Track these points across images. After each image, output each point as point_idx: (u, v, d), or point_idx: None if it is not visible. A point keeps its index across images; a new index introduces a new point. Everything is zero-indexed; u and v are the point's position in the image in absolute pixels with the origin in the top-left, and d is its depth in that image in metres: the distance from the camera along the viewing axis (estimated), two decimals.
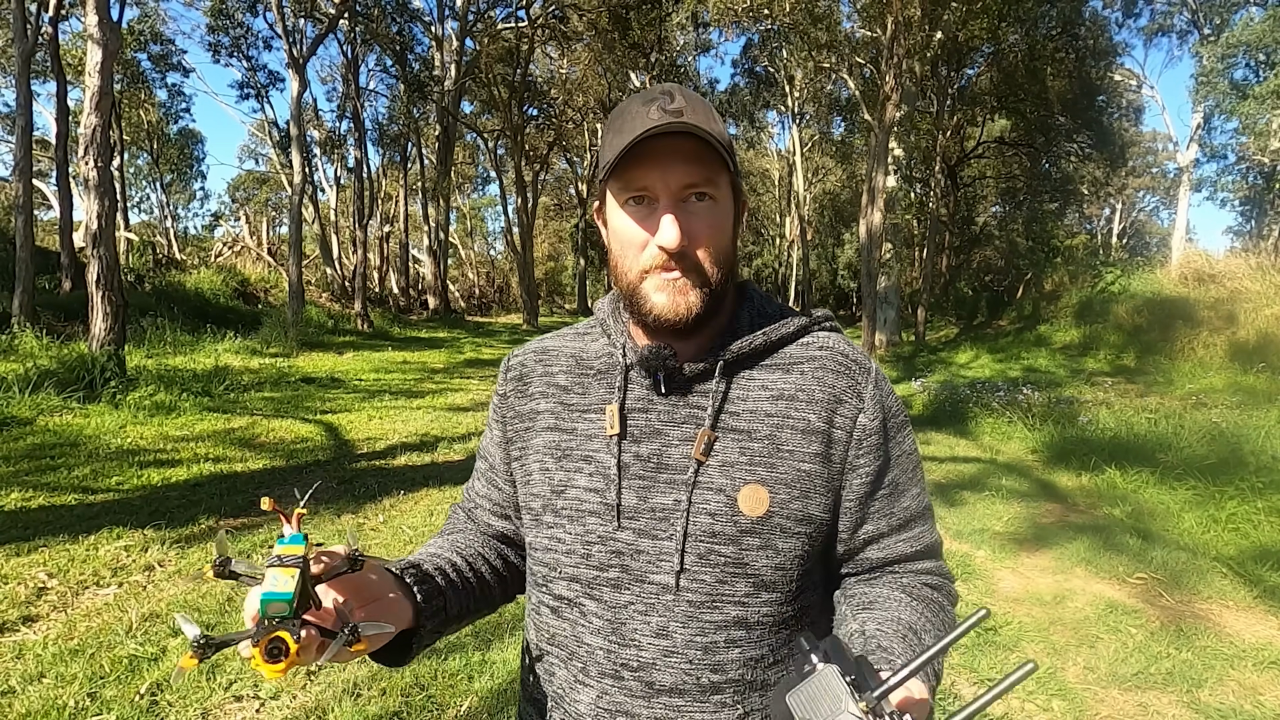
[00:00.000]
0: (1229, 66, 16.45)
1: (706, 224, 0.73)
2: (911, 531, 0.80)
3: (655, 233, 0.72)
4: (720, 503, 0.74)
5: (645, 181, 0.72)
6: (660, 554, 0.75)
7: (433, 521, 4.20)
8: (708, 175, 0.72)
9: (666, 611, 0.74)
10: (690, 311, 0.74)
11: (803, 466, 0.75)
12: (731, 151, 0.75)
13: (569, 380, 0.85)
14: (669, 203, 0.72)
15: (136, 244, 17.72)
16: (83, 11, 7.76)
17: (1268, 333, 9.30)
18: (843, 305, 37.17)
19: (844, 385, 0.78)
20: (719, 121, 0.75)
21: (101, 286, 7.57)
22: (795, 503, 0.75)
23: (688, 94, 0.74)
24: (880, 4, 13.95)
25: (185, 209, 39.81)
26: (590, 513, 0.78)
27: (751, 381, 0.78)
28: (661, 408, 0.78)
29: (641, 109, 0.72)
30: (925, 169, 19.80)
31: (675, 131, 0.69)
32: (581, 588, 0.78)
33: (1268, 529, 4.08)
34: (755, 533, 0.74)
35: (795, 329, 0.81)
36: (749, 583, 0.74)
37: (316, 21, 18.65)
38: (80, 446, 5.37)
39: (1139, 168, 34.60)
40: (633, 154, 0.70)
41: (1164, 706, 2.51)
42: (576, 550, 0.78)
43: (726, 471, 0.75)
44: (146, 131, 27.86)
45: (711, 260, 0.74)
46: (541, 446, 0.83)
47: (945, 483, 5.30)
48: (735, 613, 0.74)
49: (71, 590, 3.11)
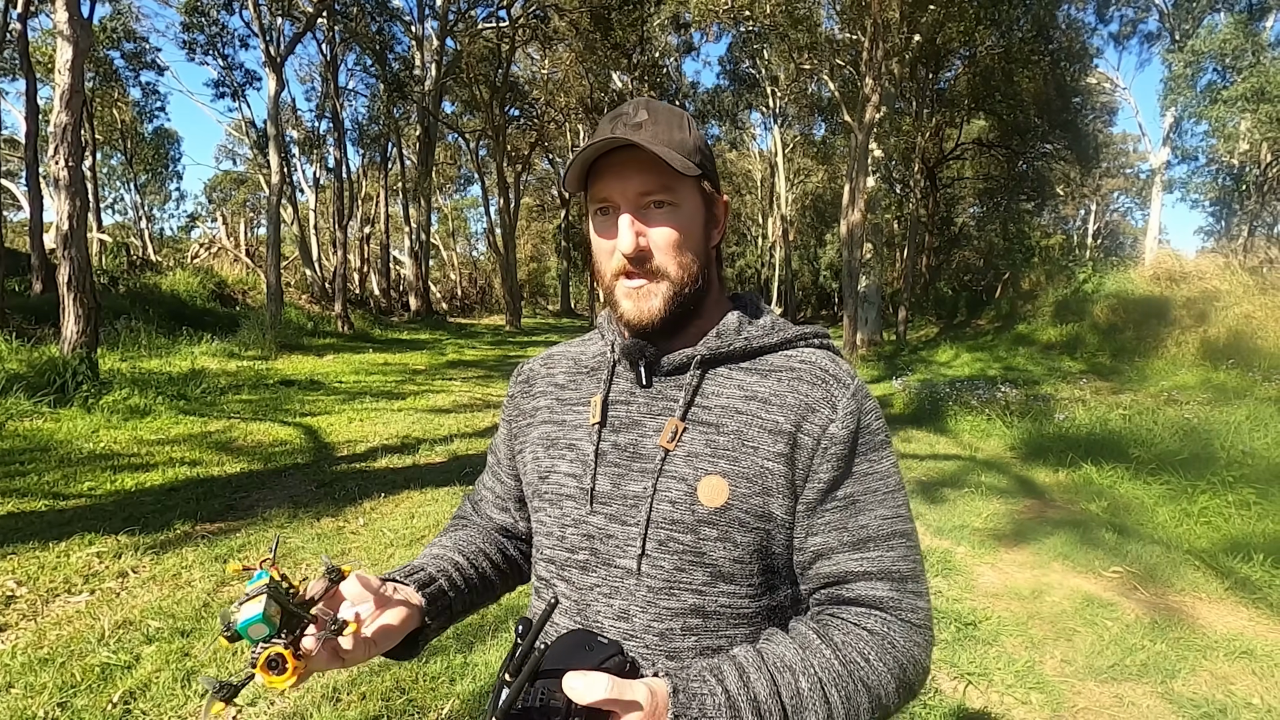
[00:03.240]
0: (1196, 72, 16.78)
1: (667, 230, 0.77)
2: (867, 552, 0.76)
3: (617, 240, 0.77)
4: (681, 491, 0.76)
5: (605, 192, 0.77)
6: (627, 539, 0.77)
7: (414, 524, 4.16)
8: (664, 183, 0.75)
9: (628, 595, 0.77)
10: (654, 316, 0.77)
11: (765, 464, 0.76)
12: (705, 157, 0.79)
13: (566, 379, 0.91)
14: (628, 211, 0.76)
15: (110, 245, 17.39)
16: (53, 8, 7.60)
17: (1237, 331, 9.50)
18: (825, 305, 37.42)
19: (818, 395, 0.78)
20: (687, 129, 0.79)
21: (73, 288, 7.42)
22: (755, 498, 0.75)
23: (655, 107, 0.79)
24: (860, 6, 14.08)
25: (161, 210, 39.15)
26: (568, 497, 0.82)
27: (729, 380, 0.80)
28: (641, 400, 0.82)
29: (606, 125, 0.78)
30: (905, 170, 20.00)
31: (628, 145, 0.74)
32: (556, 569, 0.83)
33: (1238, 522, 4.16)
34: (712, 523, 0.75)
35: (779, 340, 0.82)
36: (706, 572, 0.75)
37: (294, 20, 18.41)
38: (51, 451, 5.25)
39: (1113, 169, 35.23)
40: (595, 168, 0.77)
41: (1139, 697, 2.56)
42: (554, 532, 0.83)
43: (690, 461, 0.76)
44: (120, 131, 27.36)
45: (675, 264, 0.77)
46: (537, 438, 0.88)
47: (926, 480, 5.36)
48: (692, 601, 0.76)
49: (41, 598, 3.04)
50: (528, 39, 24.69)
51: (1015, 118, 18.78)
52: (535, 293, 48.99)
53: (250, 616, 0.62)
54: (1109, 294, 12.62)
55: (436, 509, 4.45)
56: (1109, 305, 12.26)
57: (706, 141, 0.82)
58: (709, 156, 0.81)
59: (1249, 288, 10.43)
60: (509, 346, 17.55)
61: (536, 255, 49.50)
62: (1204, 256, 14.52)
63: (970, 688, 2.60)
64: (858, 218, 14.05)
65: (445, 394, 9.10)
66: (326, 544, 3.81)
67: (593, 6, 20.98)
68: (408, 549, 3.77)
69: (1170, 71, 17.55)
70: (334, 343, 14.62)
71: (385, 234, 28.43)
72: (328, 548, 3.76)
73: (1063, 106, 18.50)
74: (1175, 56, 17.18)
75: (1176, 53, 17.32)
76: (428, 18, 22.85)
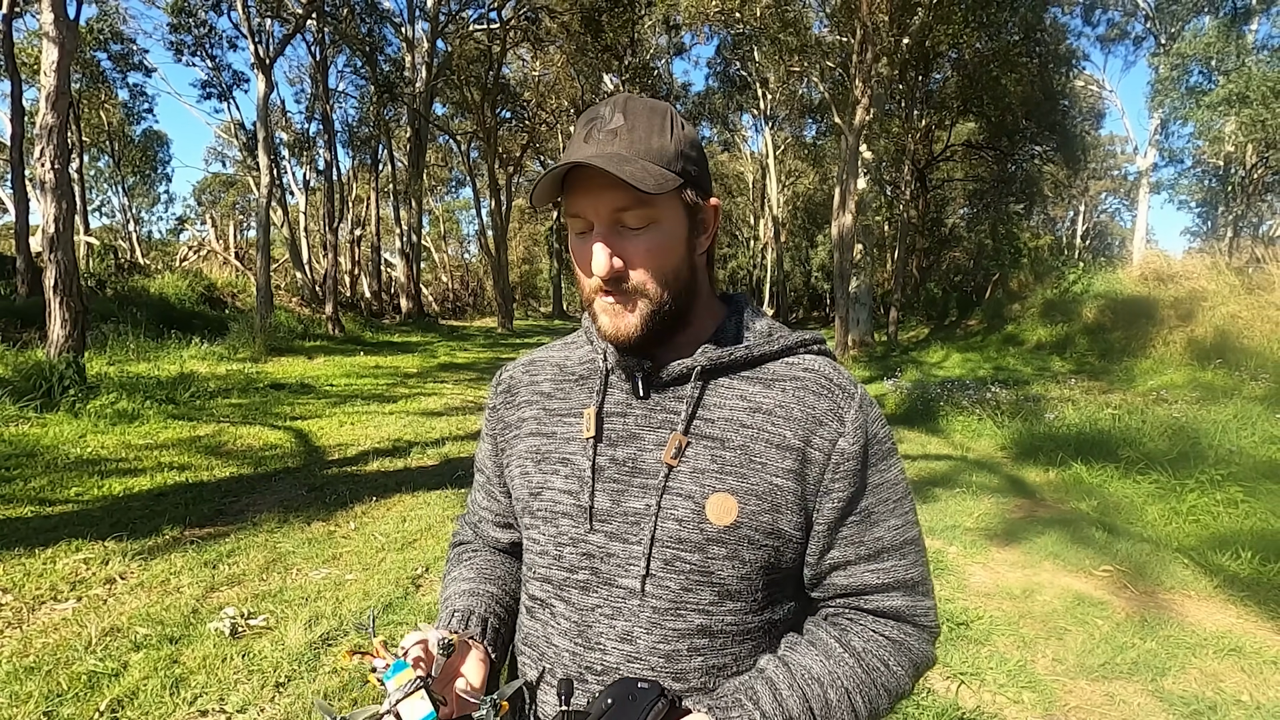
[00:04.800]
0: (1182, 75, 16.95)
1: (644, 246, 0.72)
2: (883, 563, 0.77)
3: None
4: (688, 509, 0.73)
5: (578, 209, 0.72)
6: (629, 558, 0.75)
7: (405, 528, 4.14)
8: (639, 198, 0.70)
9: (632, 616, 0.74)
10: (630, 332, 0.74)
11: (775, 480, 0.74)
12: (691, 160, 0.74)
13: (552, 387, 0.86)
14: (601, 230, 0.72)
15: (97, 248, 17.22)
16: (38, 9, 7.53)
17: (1224, 330, 9.59)
18: (816, 306, 37.57)
19: (825, 407, 0.76)
20: (668, 132, 0.72)
21: (59, 292, 7.34)
22: (764, 515, 0.73)
23: (633, 108, 0.73)
24: (849, 9, 14.14)
25: (149, 212, 38.78)
26: (564, 514, 0.78)
27: (731, 390, 0.77)
28: (639, 412, 0.78)
29: (581, 130, 0.73)
30: (895, 172, 20.10)
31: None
32: (553, 589, 0.79)
33: (1226, 519, 4.20)
34: (722, 542, 0.73)
35: (780, 347, 0.79)
36: (714, 591, 0.74)
37: (284, 21, 18.31)
38: (37, 457, 5.19)
39: (1100, 170, 35.52)
40: (568, 178, 0.72)
41: (1130, 695, 2.57)
42: (550, 551, 0.79)
43: (697, 478, 0.74)
44: (108, 133, 27.12)
45: (654, 280, 0.73)
46: (524, 451, 0.84)
47: (918, 480, 5.37)
48: (699, 621, 0.74)
49: (27, 605, 3.01)
50: (519, 41, 24.65)
51: (1003, 120, 18.91)
52: (527, 295, 48.88)
53: (424, 716, 0.62)
54: (1098, 294, 12.73)
55: (428, 512, 4.43)
56: (1098, 305, 12.36)
57: (696, 139, 0.76)
58: (695, 158, 0.74)
59: (1235, 288, 10.54)
60: (501, 348, 17.51)
61: (528, 257, 49.40)
62: (1191, 257, 14.67)
63: (963, 687, 2.60)
64: (848, 219, 14.11)
65: (437, 397, 9.06)
66: (318, 549, 3.79)
67: (583, 8, 20.96)
68: (399, 553, 3.75)
69: (1156, 74, 17.73)
70: (325, 345, 14.54)
71: (376, 236, 28.32)
72: (319, 552, 3.74)
73: (1050, 109, 18.64)
74: (1161, 60, 17.36)
75: (1163, 56, 17.51)
76: (418, 19, 22.81)
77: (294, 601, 3.13)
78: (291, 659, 2.61)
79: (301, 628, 2.85)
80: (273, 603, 3.11)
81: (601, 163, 0.67)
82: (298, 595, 3.20)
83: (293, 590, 3.25)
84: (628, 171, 0.67)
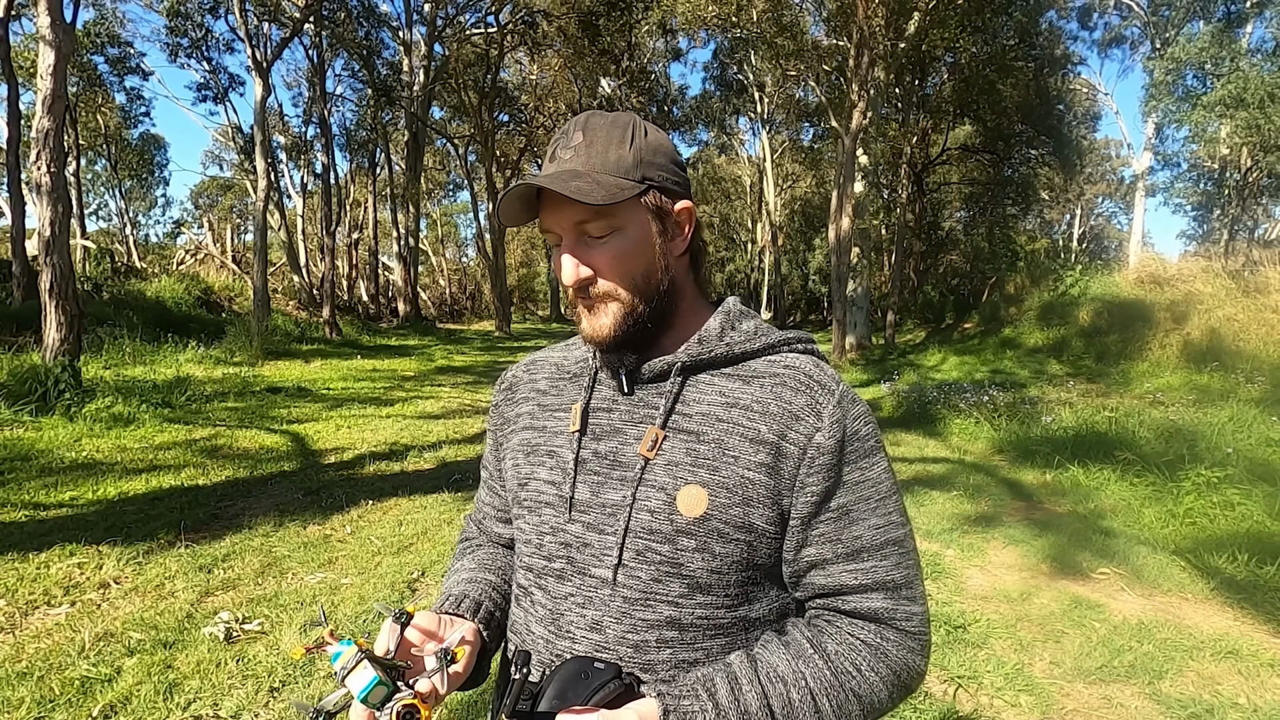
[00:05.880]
0: (1177, 79, 17.03)
1: (609, 254, 0.76)
2: (861, 563, 0.75)
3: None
4: (660, 500, 0.75)
5: (547, 224, 0.77)
6: (604, 548, 0.77)
7: (402, 531, 4.12)
8: (597, 210, 0.73)
9: (602, 605, 0.76)
10: (605, 334, 0.77)
11: (746, 474, 0.74)
12: (656, 166, 0.76)
13: (548, 384, 0.90)
14: (568, 241, 0.76)
15: (94, 252, 17.20)
16: (34, 12, 7.52)
17: (1219, 333, 9.62)
18: (814, 310, 37.58)
19: (802, 403, 0.76)
20: (627, 142, 0.75)
21: (55, 295, 7.33)
22: (735, 508, 0.74)
23: (593, 125, 0.77)
24: (845, 14, 14.19)
25: (146, 216, 38.76)
26: (546, 504, 0.81)
27: (710, 387, 0.78)
28: (623, 407, 0.81)
29: (549, 151, 0.79)
30: (892, 175, 20.15)
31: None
32: (533, 577, 0.82)
33: (1223, 522, 4.20)
34: (691, 534, 0.74)
35: (761, 345, 0.80)
36: (684, 584, 0.75)
37: (281, 25, 18.32)
38: (32, 460, 5.17)
39: (1096, 174, 35.66)
40: (539, 198, 0.77)
41: (1127, 698, 2.57)
42: (532, 540, 0.83)
43: (670, 470, 0.75)
44: (105, 136, 27.08)
45: (621, 285, 0.76)
46: (517, 444, 0.88)
47: (915, 482, 5.37)
48: (668, 612, 0.75)
49: (20, 610, 2.99)
50: (516, 45, 24.69)
51: (999, 124, 18.97)
52: (525, 298, 48.89)
53: (367, 684, 0.65)
54: (1094, 297, 12.75)
55: (425, 516, 4.42)
56: (1094, 308, 12.38)
57: (664, 145, 0.78)
58: (662, 164, 0.77)
59: (1231, 290, 10.57)
60: (498, 352, 17.49)
61: (526, 260, 49.42)
62: (1187, 260, 14.72)
63: (960, 691, 2.60)
64: (846, 223, 14.14)
65: (434, 400, 9.05)
66: (313, 553, 3.77)
67: (581, 13, 21.01)
68: (396, 556, 3.74)
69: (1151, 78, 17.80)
70: (322, 349, 14.51)
71: (374, 240, 28.29)
72: (315, 556, 3.72)
73: (1046, 112, 18.72)
74: (1156, 64, 17.43)
75: (1157, 60, 17.58)
76: (416, 23, 22.83)
77: (289, 606, 3.12)
78: (286, 664, 2.60)
79: (297, 632, 2.84)
80: (268, 607, 3.09)
81: (546, 182, 0.71)
82: (293, 600, 3.19)
83: (288, 595, 3.24)
84: (573, 187, 0.71)
